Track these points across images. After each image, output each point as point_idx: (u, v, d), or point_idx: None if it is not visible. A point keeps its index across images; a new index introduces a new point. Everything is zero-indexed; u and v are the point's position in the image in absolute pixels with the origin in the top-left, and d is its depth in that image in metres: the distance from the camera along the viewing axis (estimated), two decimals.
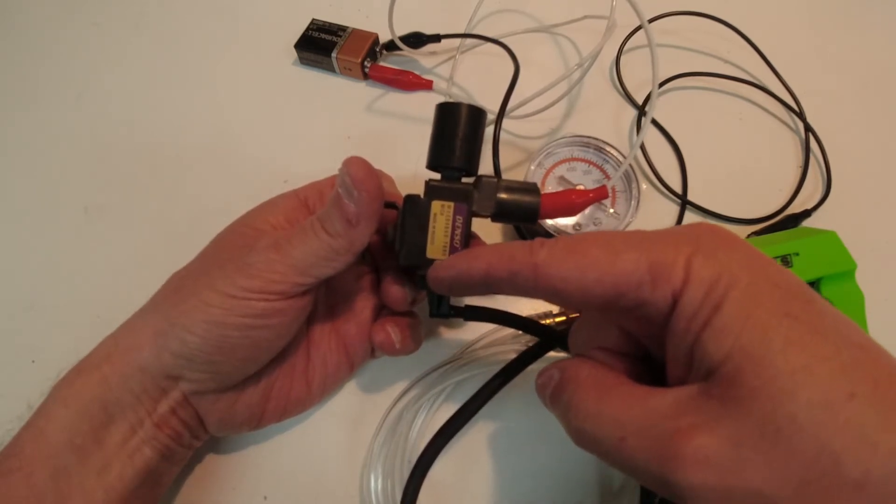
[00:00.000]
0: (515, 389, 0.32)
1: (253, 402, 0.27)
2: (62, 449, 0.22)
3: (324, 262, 0.24)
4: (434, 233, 0.25)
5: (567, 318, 0.31)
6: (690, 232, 0.18)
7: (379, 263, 0.30)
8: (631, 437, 0.17)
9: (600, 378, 0.20)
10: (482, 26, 0.47)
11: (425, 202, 0.25)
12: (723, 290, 0.16)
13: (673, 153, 0.41)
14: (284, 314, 0.24)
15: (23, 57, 0.45)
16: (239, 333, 0.23)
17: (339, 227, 0.24)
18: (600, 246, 0.19)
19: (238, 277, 0.23)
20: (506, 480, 0.30)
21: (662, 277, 0.17)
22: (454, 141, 0.26)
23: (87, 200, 0.38)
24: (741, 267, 0.17)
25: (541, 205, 0.26)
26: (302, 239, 0.24)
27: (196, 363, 0.23)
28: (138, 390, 0.24)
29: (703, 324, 0.16)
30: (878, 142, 0.42)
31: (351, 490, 0.30)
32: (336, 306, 0.30)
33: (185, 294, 0.24)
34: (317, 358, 0.29)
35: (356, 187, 0.23)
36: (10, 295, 0.35)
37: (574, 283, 0.19)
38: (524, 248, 0.20)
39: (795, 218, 0.38)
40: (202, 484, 0.30)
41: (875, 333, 0.31)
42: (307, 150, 0.41)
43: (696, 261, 0.17)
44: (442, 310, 0.26)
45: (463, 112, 0.26)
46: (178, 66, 0.45)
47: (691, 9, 0.46)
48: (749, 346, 0.15)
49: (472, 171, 0.27)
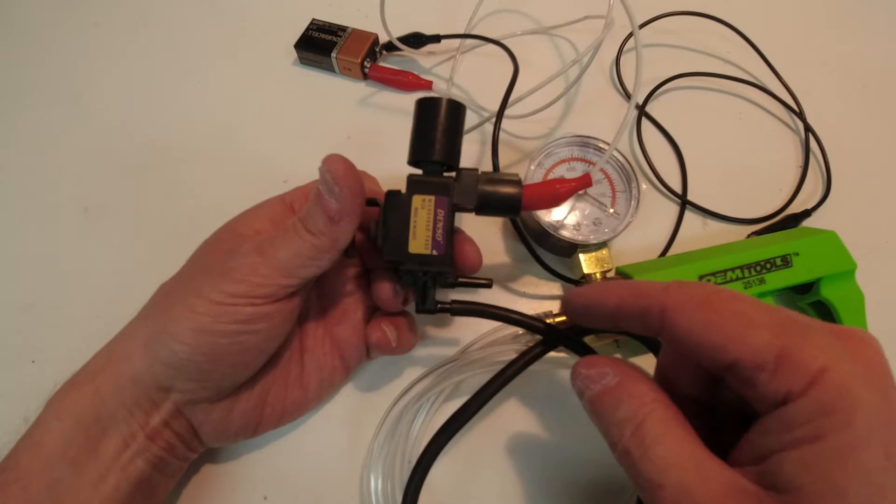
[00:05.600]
0: (515, 389, 0.32)
1: (248, 411, 0.26)
2: (57, 461, 0.22)
3: (308, 261, 0.24)
4: (416, 227, 0.25)
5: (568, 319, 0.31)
6: (839, 339, 0.17)
7: (368, 264, 0.30)
8: (669, 489, 0.16)
9: (669, 414, 0.19)
10: (482, 27, 0.47)
11: (406, 197, 0.25)
12: (838, 423, 0.15)
13: (673, 153, 0.41)
14: (272, 318, 0.24)
15: (23, 57, 0.45)
16: (227, 340, 0.23)
17: (321, 225, 0.23)
18: (736, 311, 0.17)
19: (223, 283, 0.23)
20: (505, 481, 0.30)
21: (787, 374, 0.16)
22: (434, 135, 0.26)
23: (87, 200, 0.38)
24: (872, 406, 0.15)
25: (523, 195, 0.26)
26: (284, 240, 0.24)
27: (186, 371, 0.23)
28: (130, 403, 0.24)
29: (800, 442, 0.15)
30: (878, 142, 0.42)
31: (351, 490, 0.30)
32: (328, 309, 0.30)
33: (172, 302, 0.24)
34: (311, 363, 0.29)
35: (337, 183, 0.23)
36: (10, 295, 0.35)
37: (696, 339, 0.18)
38: (659, 288, 0.19)
39: (795, 218, 0.38)
40: (202, 484, 0.30)
41: (875, 333, 0.31)
42: (307, 150, 0.40)
43: (829, 377, 0.15)
44: (427, 305, 0.26)
45: (442, 106, 0.26)
46: (178, 66, 0.45)
47: (691, 9, 0.46)
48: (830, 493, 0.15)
49: (453, 164, 0.26)
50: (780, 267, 0.31)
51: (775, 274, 0.31)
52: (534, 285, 0.36)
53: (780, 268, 0.31)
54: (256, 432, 0.28)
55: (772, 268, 0.31)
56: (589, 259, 0.33)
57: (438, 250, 0.25)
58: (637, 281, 0.21)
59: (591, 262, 0.33)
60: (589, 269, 0.33)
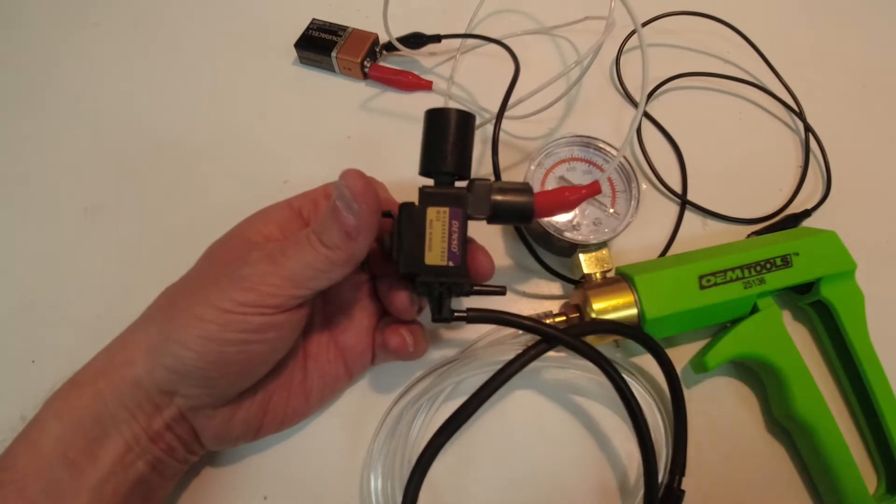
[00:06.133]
0: (515, 389, 0.32)
1: (250, 416, 0.26)
2: (55, 463, 0.22)
3: (321, 273, 0.24)
4: (431, 239, 0.25)
5: (567, 318, 0.31)
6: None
7: (376, 272, 0.30)
8: None
9: None
10: (482, 27, 0.47)
11: (420, 209, 0.25)
12: None
13: (673, 153, 0.41)
14: (280, 328, 0.24)
15: (23, 57, 0.45)
16: (235, 349, 0.23)
17: (337, 240, 0.23)
18: None
19: (232, 291, 0.23)
20: (505, 481, 0.30)
21: None
22: (445, 146, 0.26)
23: (87, 200, 0.38)
24: None
25: (535, 204, 0.27)
26: (297, 250, 0.24)
27: (191, 378, 0.23)
28: (132, 406, 0.23)
29: None
30: (878, 142, 0.42)
31: (351, 490, 0.30)
32: (334, 316, 0.30)
33: (179, 309, 0.24)
34: (314, 369, 0.29)
35: (356, 199, 0.23)
36: (11, 295, 0.35)
37: None
38: None
39: (795, 218, 0.38)
40: (203, 484, 0.30)
41: (875, 333, 0.31)
42: (307, 150, 0.41)
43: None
44: (444, 314, 0.26)
45: (452, 117, 0.26)
46: (178, 65, 0.45)
47: (691, 9, 0.46)
48: None
49: (464, 174, 0.27)
50: (780, 267, 0.31)
51: (775, 274, 0.31)
52: (534, 285, 0.36)
53: (780, 268, 0.31)
54: (257, 436, 0.28)
55: (772, 268, 0.31)
56: (589, 259, 0.33)
57: (454, 261, 0.25)
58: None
59: (591, 262, 0.33)
60: (589, 269, 0.33)
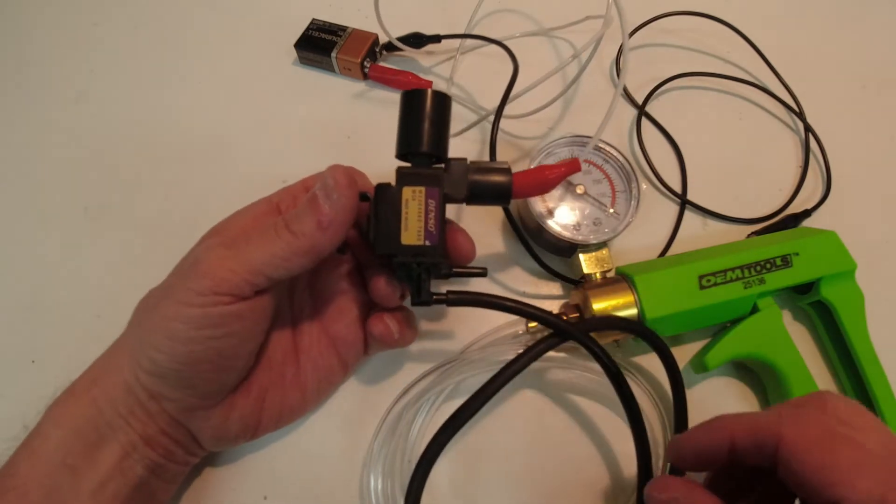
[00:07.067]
0: (517, 388, 0.32)
1: (246, 415, 0.26)
2: (56, 469, 0.22)
3: (279, 261, 0.23)
4: (407, 218, 0.25)
5: (567, 318, 0.31)
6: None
7: (362, 260, 0.30)
8: None
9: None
10: (482, 27, 0.47)
11: (396, 189, 0.25)
12: None
13: (673, 153, 0.41)
14: (243, 318, 0.24)
15: (23, 57, 0.45)
16: (202, 346, 0.23)
17: (306, 228, 0.23)
18: (851, 458, 0.18)
19: (190, 280, 0.23)
20: (505, 481, 0.30)
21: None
22: (421, 127, 0.26)
23: (87, 200, 0.38)
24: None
25: (513, 183, 0.26)
26: (260, 236, 0.24)
27: (168, 380, 0.23)
28: (126, 412, 0.24)
29: None
30: (878, 142, 0.42)
31: (351, 490, 0.30)
32: (322, 308, 0.30)
33: (153, 310, 0.24)
34: (307, 363, 0.29)
35: (336, 189, 0.23)
36: (10, 295, 0.35)
37: (808, 477, 0.18)
38: (772, 419, 0.20)
39: (795, 218, 0.38)
40: (202, 484, 0.30)
41: (875, 333, 0.31)
42: (307, 150, 0.41)
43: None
44: (423, 297, 0.26)
45: (427, 98, 0.26)
46: (178, 65, 0.45)
47: (691, 9, 0.46)
48: None
49: (441, 155, 0.26)
50: (780, 267, 0.31)
51: (775, 274, 0.31)
52: (534, 285, 0.36)
53: (780, 268, 0.31)
54: (256, 435, 0.28)
55: (772, 268, 0.31)
56: (589, 259, 0.33)
57: (431, 241, 0.25)
58: (746, 414, 0.21)
59: (591, 262, 0.33)
60: (589, 269, 0.33)
